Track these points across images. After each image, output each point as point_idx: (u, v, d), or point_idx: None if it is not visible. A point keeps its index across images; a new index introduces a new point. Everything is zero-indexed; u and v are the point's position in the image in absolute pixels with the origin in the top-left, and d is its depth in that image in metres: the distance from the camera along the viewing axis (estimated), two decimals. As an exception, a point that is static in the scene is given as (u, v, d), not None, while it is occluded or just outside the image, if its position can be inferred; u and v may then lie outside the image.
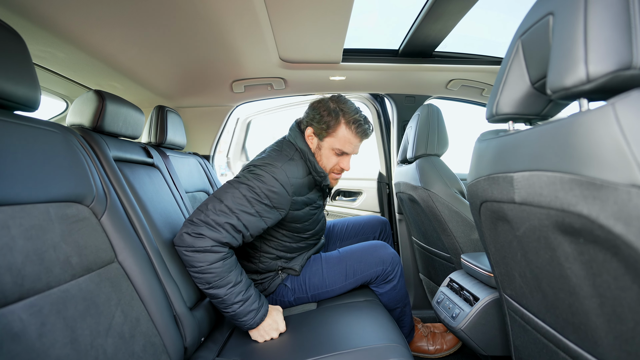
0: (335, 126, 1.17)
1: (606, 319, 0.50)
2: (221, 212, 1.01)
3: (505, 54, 0.71)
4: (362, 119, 1.19)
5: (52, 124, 0.79)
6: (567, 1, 0.50)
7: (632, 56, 0.43)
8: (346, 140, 1.19)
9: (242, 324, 1.04)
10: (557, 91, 0.50)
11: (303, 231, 1.28)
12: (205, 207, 1.02)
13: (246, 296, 1.03)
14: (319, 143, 1.21)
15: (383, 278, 1.29)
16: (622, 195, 0.40)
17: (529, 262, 0.65)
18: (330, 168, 1.23)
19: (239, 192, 1.04)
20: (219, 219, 1.00)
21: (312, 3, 1.07)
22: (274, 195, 1.07)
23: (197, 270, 0.98)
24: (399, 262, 1.33)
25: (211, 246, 0.98)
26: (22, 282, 0.56)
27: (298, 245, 1.30)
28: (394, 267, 1.30)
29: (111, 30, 1.08)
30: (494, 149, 0.68)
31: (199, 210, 1.02)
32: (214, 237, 0.98)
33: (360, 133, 1.19)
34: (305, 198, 1.21)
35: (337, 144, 1.19)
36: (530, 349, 0.78)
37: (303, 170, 1.18)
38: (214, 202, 1.03)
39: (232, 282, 1.01)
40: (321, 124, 1.18)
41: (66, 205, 0.73)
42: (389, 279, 1.30)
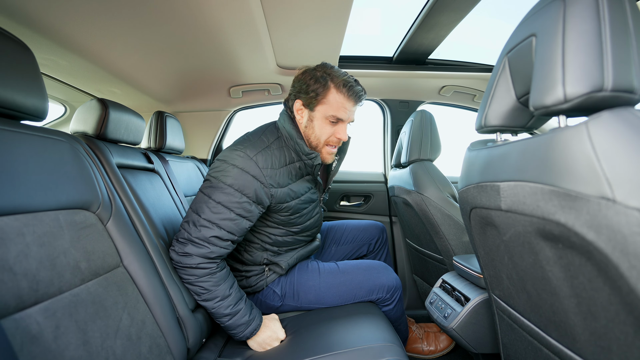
0: (325, 92, 1.08)
1: (583, 317, 0.55)
2: (202, 227, 0.99)
3: (493, 69, 0.76)
4: (352, 81, 1.10)
5: (59, 132, 0.82)
6: (548, 26, 0.55)
7: (604, 80, 0.48)
8: (339, 105, 1.09)
9: (234, 335, 1.05)
10: (538, 109, 0.55)
11: (290, 225, 1.21)
12: (187, 225, 1.01)
13: (235, 310, 1.03)
14: (310, 114, 1.12)
15: (380, 302, 1.29)
16: (593, 206, 0.44)
17: (515, 264, 0.70)
18: (325, 140, 1.14)
19: (213, 202, 1.00)
20: (202, 234, 0.98)
21: (309, 12, 1.10)
22: (249, 190, 1.02)
23: (187, 282, 1.01)
24: (399, 288, 1.31)
25: (197, 264, 0.98)
26: (37, 287, 0.59)
27: (285, 240, 1.24)
28: (394, 294, 1.28)
29: (113, 39, 1.11)
30: (483, 159, 0.72)
31: (182, 229, 1.01)
32: (200, 254, 0.98)
33: (352, 95, 1.10)
34: (288, 189, 1.12)
35: (330, 110, 1.10)
36: (517, 346, 0.83)
37: (282, 158, 1.11)
38: (193, 218, 1.00)
39: (219, 297, 1.01)
40: (309, 93, 1.09)
41: (74, 212, 0.75)
42: (386, 304, 1.29)
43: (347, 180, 2.20)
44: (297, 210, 1.19)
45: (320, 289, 1.26)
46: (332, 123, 1.12)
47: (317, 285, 1.26)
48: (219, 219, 0.99)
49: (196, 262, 0.98)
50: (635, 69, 0.48)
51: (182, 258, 0.99)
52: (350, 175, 2.23)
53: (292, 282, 1.28)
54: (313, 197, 1.24)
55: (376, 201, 2.17)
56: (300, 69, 1.16)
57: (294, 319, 1.23)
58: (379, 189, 2.18)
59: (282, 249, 1.26)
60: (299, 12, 1.11)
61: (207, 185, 1.04)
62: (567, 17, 0.52)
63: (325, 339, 1.05)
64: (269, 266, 1.27)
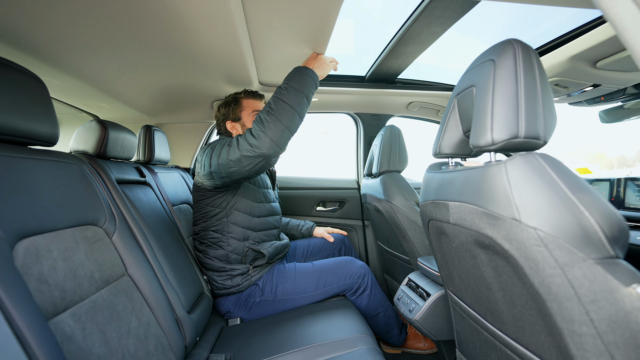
0: (239, 103, 1.52)
1: (507, 305, 0.73)
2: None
3: (446, 107, 0.93)
4: (250, 89, 1.56)
5: (65, 155, 0.90)
6: (483, 81, 0.72)
7: (519, 129, 0.65)
8: (253, 104, 1.53)
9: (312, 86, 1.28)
10: (475, 147, 0.72)
11: (258, 200, 1.48)
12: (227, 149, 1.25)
13: (301, 98, 1.23)
14: (240, 123, 1.52)
15: (355, 291, 1.49)
16: (507, 225, 0.61)
17: (462, 266, 0.88)
18: None
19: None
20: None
21: (293, 33, 1.20)
22: None
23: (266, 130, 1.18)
24: (368, 272, 1.53)
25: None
26: (65, 295, 0.69)
27: (257, 222, 1.47)
28: (364, 278, 1.50)
29: (108, 61, 1.18)
30: (438, 181, 0.89)
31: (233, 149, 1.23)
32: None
33: (257, 96, 1.56)
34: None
35: (250, 109, 1.52)
36: (466, 331, 1.01)
37: None
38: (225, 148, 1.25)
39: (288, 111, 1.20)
40: (230, 111, 1.51)
41: (85, 228, 0.84)
42: (361, 290, 1.49)
43: (323, 187, 2.35)
44: (259, 196, 1.50)
45: (296, 277, 1.46)
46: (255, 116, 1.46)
47: (293, 276, 1.47)
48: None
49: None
50: (540, 122, 0.66)
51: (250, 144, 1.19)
52: (326, 182, 2.39)
53: (272, 277, 1.46)
54: (266, 179, 1.59)
55: (350, 206, 2.34)
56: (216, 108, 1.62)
57: (273, 318, 1.37)
58: (353, 195, 2.35)
59: (258, 234, 1.47)
60: (283, 34, 1.20)
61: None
62: (496, 77, 0.69)
63: (302, 333, 1.19)
64: (252, 264, 1.43)
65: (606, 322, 0.53)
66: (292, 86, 1.21)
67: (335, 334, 1.16)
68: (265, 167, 1.24)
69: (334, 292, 1.49)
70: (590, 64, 1.24)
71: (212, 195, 1.41)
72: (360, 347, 1.07)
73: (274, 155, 1.20)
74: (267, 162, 1.21)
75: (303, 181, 2.37)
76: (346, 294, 1.51)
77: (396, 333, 1.62)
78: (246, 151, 1.18)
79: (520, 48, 0.69)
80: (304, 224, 1.97)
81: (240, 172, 1.23)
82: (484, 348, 0.91)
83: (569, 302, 0.55)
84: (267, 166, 1.24)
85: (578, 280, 0.54)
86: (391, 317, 1.59)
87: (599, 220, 0.54)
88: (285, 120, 1.18)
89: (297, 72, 1.25)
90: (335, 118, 2.49)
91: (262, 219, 1.50)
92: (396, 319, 1.62)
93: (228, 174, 1.25)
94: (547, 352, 0.65)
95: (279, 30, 1.18)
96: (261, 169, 1.24)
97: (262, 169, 1.24)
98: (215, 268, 1.43)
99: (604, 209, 0.55)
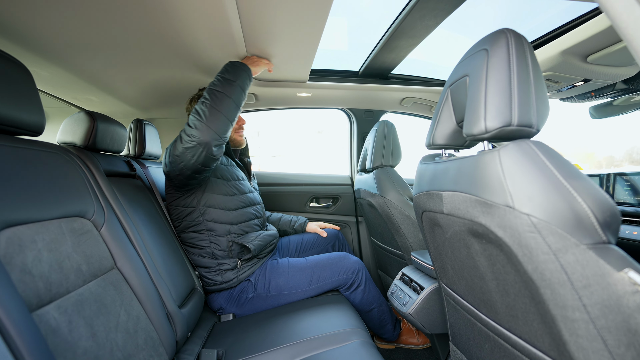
0: None
1: (500, 294, 0.73)
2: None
3: (439, 98, 0.93)
4: None
5: (53, 145, 0.88)
6: (476, 70, 0.72)
7: (512, 117, 0.65)
8: None
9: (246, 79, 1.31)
10: (469, 136, 0.72)
11: (229, 194, 1.47)
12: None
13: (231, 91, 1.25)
14: None
15: (349, 286, 1.48)
16: (501, 212, 0.61)
17: (455, 257, 0.87)
18: (233, 128, 1.52)
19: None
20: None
21: (285, 31, 1.20)
22: None
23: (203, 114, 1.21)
24: (362, 267, 1.53)
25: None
26: (50, 287, 0.67)
27: (235, 214, 1.46)
28: (358, 274, 1.49)
29: (96, 53, 1.15)
30: (431, 171, 0.89)
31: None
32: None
33: None
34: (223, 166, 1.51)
35: None
36: (459, 324, 1.01)
37: None
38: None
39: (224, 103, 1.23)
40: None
41: (73, 219, 0.82)
42: (355, 285, 1.49)
43: (316, 183, 2.34)
44: (232, 186, 1.50)
45: (290, 273, 1.45)
46: None
47: (286, 271, 1.45)
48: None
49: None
50: (533, 110, 0.66)
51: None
52: (320, 178, 2.38)
53: (265, 272, 1.45)
54: (237, 172, 1.58)
55: (343, 202, 2.33)
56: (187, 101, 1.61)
57: (265, 313, 1.35)
58: (346, 191, 2.35)
59: (239, 226, 1.45)
60: (276, 31, 1.21)
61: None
62: (489, 66, 0.69)
63: (295, 328, 1.18)
64: (241, 258, 1.42)
65: (598, 307, 0.53)
66: (225, 78, 1.25)
67: (329, 328, 1.15)
68: (210, 157, 1.24)
69: (328, 288, 1.48)
70: (581, 58, 1.25)
71: (181, 196, 1.40)
72: (354, 341, 1.07)
73: (215, 144, 1.21)
74: (209, 151, 1.21)
75: (296, 177, 2.36)
76: (340, 289, 1.51)
77: (390, 328, 1.62)
78: (187, 142, 1.19)
79: (513, 37, 0.69)
80: (297, 219, 1.96)
81: (188, 165, 1.22)
82: (477, 339, 0.91)
83: (562, 288, 0.55)
84: (211, 156, 1.24)
85: (571, 266, 0.54)
86: (385, 313, 1.59)
87: (592, 206, 0.54)
88: (221, 108, 1.21)
89: (230, 66, 1.29)
90: (330, 117, 2.48)
91: (239, 211, 1.49)
92: (390, 314, 1.62)
93: (179, 170, 1.25)
94: (540, 340, 0.65)
95: (272, 27, 1.17)
96: (206, 160, 1.23)
97: (208, 159, 1.24)
98: (203, 264, 1.41)
99: (596, 194, 0.55)
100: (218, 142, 1.22)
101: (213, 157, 1.25)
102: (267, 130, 4.69)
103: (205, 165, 1.25)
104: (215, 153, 1.24)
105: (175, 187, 1.38)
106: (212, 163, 1.28)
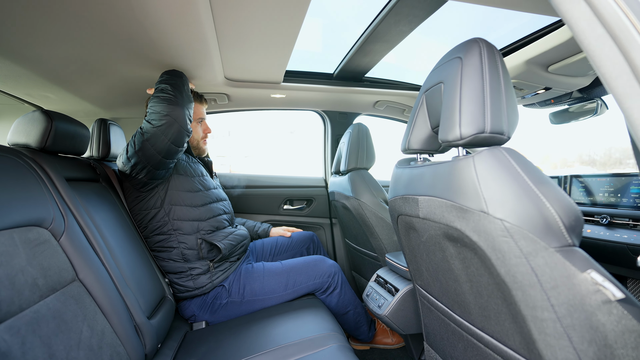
0: None
1: (474, 295, 0.75)
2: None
3: (414, 103, 0.95)
4: (197, 92, 1.60)
5: (3, 148, 0.80)
6: (451, 78, 0.74)
7: (485, 125, 0.67)
8: (199, 110, 1.57)
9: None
10: (444, 142, 0.74)
11: (194, 190, 1.45)
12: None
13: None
14: None
15: (325, 290, 1.48)
16: (475, 217, 0.63)
17: (431, 260, 0.89)
18: (200, 137, 1.60)
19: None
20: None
21: (260, 31, 1.18)
22: None
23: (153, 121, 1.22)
24: (339, 271, 1.53)
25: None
26: (0, 306, 0.60)
27: (203, 210, 1.43)
28: (334, 277, 1.49)
29: (57, 46, 1.06)
30: (407, 176, 0.91)
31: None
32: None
33: (203, 99, 1.61)
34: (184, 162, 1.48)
35: (195, 115, 1.55)
36: (434, 324, 1.04)
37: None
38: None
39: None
40: None
41: (27, 229, 0.75)
42: (331, 288, 1.48)
43: (290, 185, 2.32)
44: (197, 185, 1.47)
45: (265, 278, 1.43)
46: (199, 123, 1.59)
47: (261, 275, 1.43)
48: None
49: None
50: (504, 118, 0.69)
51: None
52: (293, 180, 2.36)
53: (239, 277, 1.42)
54: (199, 167, 1.57)
55: (318, 204, 2.33)
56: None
57: (240, 320, 1.32)
58: (320, 193, 2.34)
59: (208, 222, 1.42)
60: (251, 32, 1.18)
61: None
62: (463, 74, 0.71)
63: (271, 334, 1.16)
64: (212, 260, 1.38)
65: (565, 306, 0.55)
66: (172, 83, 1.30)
67: (305, 333, 1.14)
68: (183, 134, 1.26)
69: (304, 292, 1.47)
70: (543, 67, 1.33)
71: (144, 198, 1.35)
72: (331, 345, 1.06)
73: (184, 120, 1.25)
74: (182, 126, 1.24)
75: (270, 179, 2.32)
76: (316, 293, 1.50)
77: (365, 330, 1.64)
78: (155, 121, 1.20)
79: (485, 47, 0.71)
80: (260, 225, 1.94)
81: (159, 148, 1.21)
82: (451, 339, 0.93)
83: (532, 289, 0.58)
84: (185, 132, 1.26)
85: (540, 268, 0.56)
86: (360, 314, 1.60)
87: (559, 211, 0.56)
88: (180, 97, 1.27)
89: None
90: (302, 118, 2.47)
91: (206, 207, 1.46)
92: (365, 315, 1.64)
93: (146, 161, 1.23)
94: (512, 339, 0.68)
95: (246, 28, 1.15)
96: (180, 137, 1.25)
97: (181, 136, 1.25)
98: (174, 270, 1.35)
99: (562, 199, 0.57)
100: (186, 123, 1.26)
101: (186, 134, 1.27)
102: (239, 130, 4.55)
103: (178, 143, 1.25)
104: (187, 129, 1.27)
105: (136, 187, 1.32)
106: (179, 150, 1.28)
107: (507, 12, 1.15)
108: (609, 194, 1.43)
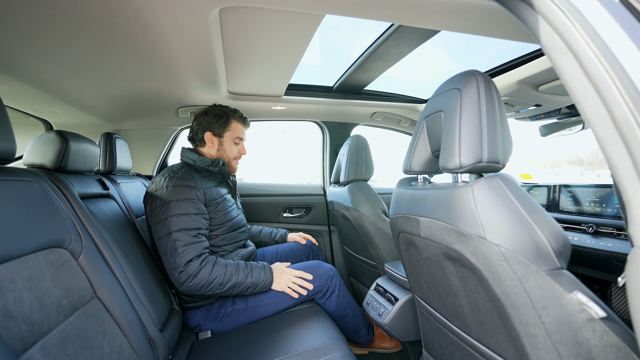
0: (229, 122, 1.56)
1: (471, 310, 0.81)
2: (177, 240, 1.23)
3: (415, 127, 1.00)
4: (242, 114, 1.63)
5: (26, 173, 0.83)
6: (451, 108, 0.79)
7: (482, 155, 0.73)
8: (240, 130, 1.61)
9: (262, 289, 1.39)
10: (444, 169, 0.79)
11: (222, 224, 1.49)
12: (168, 248, 1.24)
13: (247, 270, 1.35)
14: (220, 140, 1.57)
15: (324, 293, 1.52)
16: (474, 241, 0.69)
17: (430, 275, 0.95)
18: (233, 156, 1.61)
19: (175, 217, 1.26)
20: (183, 240, 1.24)
21: (267, 52, 1.22)
22: (191, 193, 1.34)
23: (205, 287, 1.25)
24: (336, 274, 1.57)
25: (197, 266, 1.24)
26: (33, 328, 0.64)
27: (225, 238, 1.50)
28: (332, 280, 1.54)
29: (67, 67, 1.09)
30: (408, 196, 0.96)
31: (168, 261, 1.24)
32: (191, 255, 1.23)
33: (247, 122, 1.65)
34: (213, 189, 1.49)
35: (235, 134, 1.59)
36: (432, 333, 1.10)
37: (196, 173, 1.46)
38: (168, 240, 1.24)
39: (234, 277, 1.30)
40: (216, 125, 1.54)
41: (50, 251, 0.79)
42: (330, 291, 1.53)
43: (289, 194, 2.37)
44: (223, 208, 1.51)
45: None
46: (236, 143, 1.61)
47: None
48: (186, 227, 1.27)
49: (196, 265, 1.24)
50: (500, 148, 0.75)
51: (185, 273, 1.22)
52: (292, 188, 2.41)
53: None
54: (229, 197, 1.60)
55: (316, 212, 2.38)
56: (198, 110, 1.60)
57: (245, 329, 1.36)
58: (319, 201, 2.40)
59: (225, 248, 1.50)
60: (257, 53, 1.22)
61: (163, 210, 1.28)
62: (462, 105, 0.77)
63: (277, 343, 1.20)
64: None
65: (554, 323, 0.62)
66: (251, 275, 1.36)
67: (310, 343, 1.19)
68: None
69: (306, 297, 1.51)
70: (534, 87, 1.40)
71: None
72: (335, 354, 1.11)
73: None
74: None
75: (270, 188, 2.37)
76: (315, 297, 1.55)
77: (364, 333, 1.69)
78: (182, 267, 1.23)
79: (482, 80, 0.77)
80: (277, 231, 1.99)
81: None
82: (449, 348, 0.99)
83: (525, 308, 0.64)
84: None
85: (532, 290, 0.63)
86: (359, 318, 1.65)
87: (549, 237, 0.62)
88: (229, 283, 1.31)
89: (261, 270, 1.40)
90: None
91: (230, 234, 1.52)
92: (363, 319, 1.69)
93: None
94: (506, 351, 0.74)
95: (254, 50, 1.19)
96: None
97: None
98: None
99: (552, 227, 0.64)
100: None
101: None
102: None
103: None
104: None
105: None
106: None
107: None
108: (595, 204, 1.51)
